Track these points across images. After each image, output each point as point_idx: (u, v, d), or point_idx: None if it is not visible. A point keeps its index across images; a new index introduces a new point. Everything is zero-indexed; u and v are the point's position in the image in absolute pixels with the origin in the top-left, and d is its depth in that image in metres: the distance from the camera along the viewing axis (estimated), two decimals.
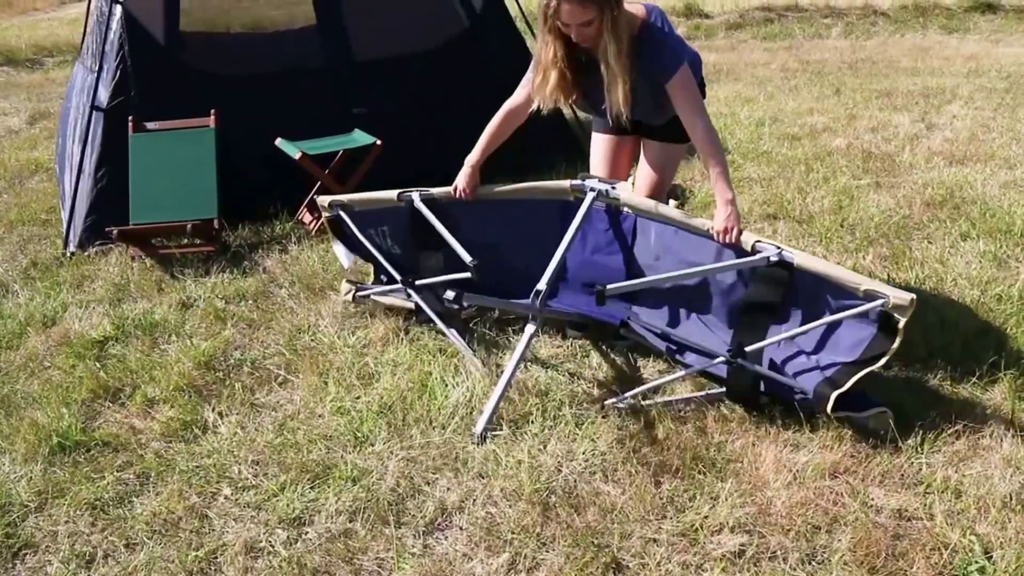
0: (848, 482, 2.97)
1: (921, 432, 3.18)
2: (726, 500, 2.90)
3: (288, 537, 2.87)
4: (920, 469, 3.02)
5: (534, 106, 3.76)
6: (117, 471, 3.24)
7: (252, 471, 3.20)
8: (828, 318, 3.28)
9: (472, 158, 4.00)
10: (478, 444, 3.27)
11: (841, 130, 7.51)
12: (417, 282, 4.08)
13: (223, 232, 5.35)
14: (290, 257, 5.15)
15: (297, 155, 5.28)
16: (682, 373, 3.56)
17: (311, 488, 3.08)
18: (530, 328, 3.61)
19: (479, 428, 3.31)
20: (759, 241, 3.42)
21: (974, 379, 3.49)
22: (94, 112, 5.55)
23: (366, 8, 6.08)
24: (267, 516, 2.96)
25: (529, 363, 3.78)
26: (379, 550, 2.79)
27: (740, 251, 3.48)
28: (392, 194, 4.14)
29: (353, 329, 4.19)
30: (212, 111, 5.52)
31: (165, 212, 5.24)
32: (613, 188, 3.86)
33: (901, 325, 3.06)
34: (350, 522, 2.91)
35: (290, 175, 5.48)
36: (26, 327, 4.45)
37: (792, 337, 3.40)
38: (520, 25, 7.01)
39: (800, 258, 3.33)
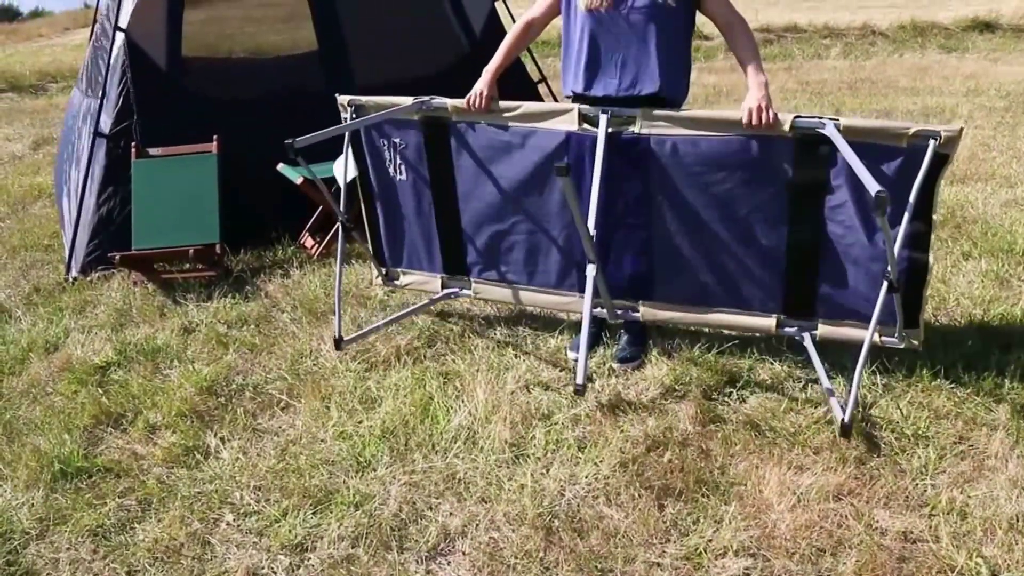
0: (853, 504, 2.95)
1: (926, 453, 3.17)
2: (730, 523, 2.88)
3: (290, 563, 2.85)
4: (925, 490, 3.01)
5: (579, 3, 3.62)
6: (119, 497, 3.23)
7: (254, 497, 3.18)
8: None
9: (491, 67, 3.90)
10: (579, 395, 3.49)
11: None
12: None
13: (225, 257, 5.35)
14: (292, 282, 5.15)
15: (299, 180, 5.29)
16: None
17: (313, 513, 3.06)
18: (591, 270, 3.54)
19: (579, 380, 3.38)
20: (799, 117, 3.36)
21: (978, 399, 3.48)
22: (96, 138, 5.57)
23: (367, 33, 6.11)
24: (269, 542, 2.95)
25: (531, 386, 3.78)
26: None
27: (776, 141, 3.42)
28: (407, 100, 4.04)
29: (355, 353, 4.17)
30: (215, 137, 5.53)
31: (167, 237, 5.25)
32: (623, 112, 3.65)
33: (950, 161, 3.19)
34: (352, 548, 2.89)
35: (292, 200, 5.49)
36: (28, 353, 4.45)
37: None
38: None
39: (845, 120, 3.28)
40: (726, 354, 3.91)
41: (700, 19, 3.71)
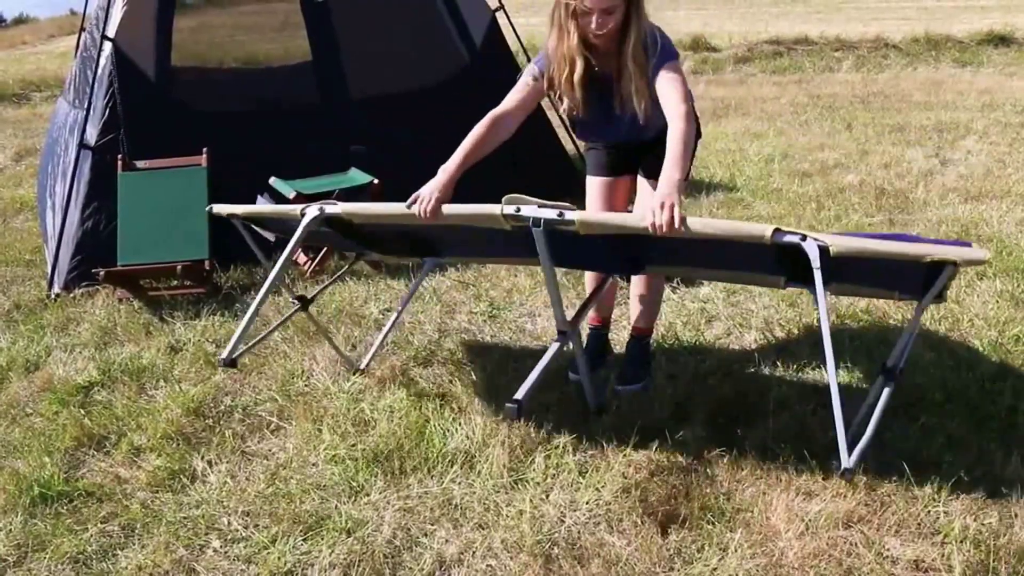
0: (863, 532, 2.88)
1: (938, 479, 3.09)
2: (736, 551, 2.81)
3: None
4: (938, 518, 2.94)
5: (563, 107, 3.58)
6: (101, 523, 3.15)
7: (242, 522, 3.11)
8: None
9: (450, 167, 3.35)
10: (599, 415, 3.56)
11: (853, 166, 7.55)
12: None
13: (214, 273, 5.30)
14: (283, 299, 5.08)
15: (292, 195, 5.23)
16: None
17: (304, 540, 2.99)
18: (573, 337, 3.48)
19: (591, 401, 3.54)
20: (778, 230, 2.80)
21: (992, 423, 3.42)
22: (81, 150, 5.52)
23: (363, 43, 6.08)
24: (257, 569, 2.87)
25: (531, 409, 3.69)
26: None
27: (752, 250, 3.02)
28: (294, 210, 3.51)
29: (348, 374, 4.12)
30: (204, 150, 5.48)
31: (154, 253, 5.19)
32: (561, 215, 3.00)
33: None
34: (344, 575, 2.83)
35: None
36: (8, 372, 4.39)
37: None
38: (520, 60, 6.99)
39: (837, 244, 2.71)
40: (733, 376, 3.86)
41: (707, 28, 3.63)
